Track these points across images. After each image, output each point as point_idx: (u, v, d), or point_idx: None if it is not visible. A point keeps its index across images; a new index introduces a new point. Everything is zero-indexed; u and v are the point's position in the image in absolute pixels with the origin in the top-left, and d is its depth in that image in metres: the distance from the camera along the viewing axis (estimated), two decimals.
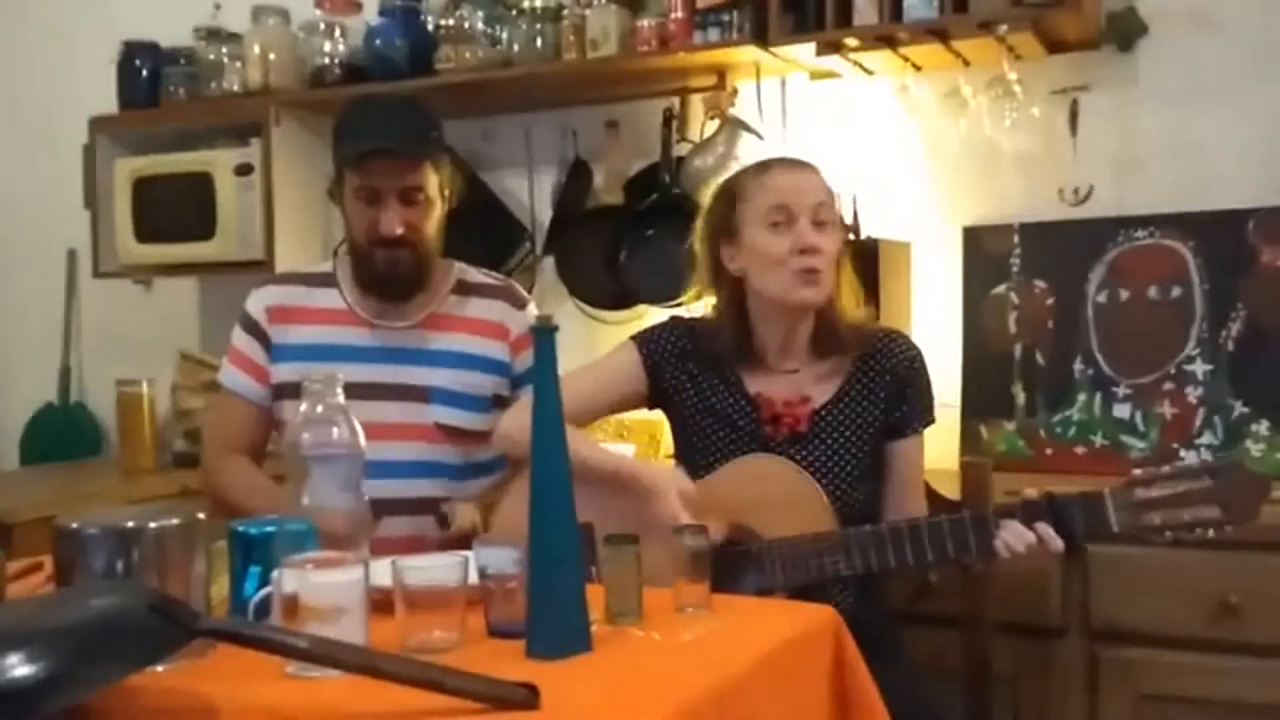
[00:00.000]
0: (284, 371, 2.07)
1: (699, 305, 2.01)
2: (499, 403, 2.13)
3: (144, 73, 3.19)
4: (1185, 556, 1.97)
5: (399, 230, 2.01)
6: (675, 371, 1.91)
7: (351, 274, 2.13)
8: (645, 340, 1.94)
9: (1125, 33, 2.48)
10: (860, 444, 1.85)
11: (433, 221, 2.06)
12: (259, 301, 2.13)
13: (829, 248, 1.81)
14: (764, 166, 1.91)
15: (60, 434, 3.60)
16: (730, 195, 1.89)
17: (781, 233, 1.80)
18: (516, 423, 1.82)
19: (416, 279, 2.08)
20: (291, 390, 1.78)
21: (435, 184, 2.05)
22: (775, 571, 1.73)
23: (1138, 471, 1.67)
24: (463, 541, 1.77)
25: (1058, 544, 1.65)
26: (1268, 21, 2.42)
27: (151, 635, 1.07)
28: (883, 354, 1.88)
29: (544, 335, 1.30)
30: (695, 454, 1.89)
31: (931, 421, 1.92)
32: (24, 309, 3.73)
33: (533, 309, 2.20)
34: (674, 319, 1.99)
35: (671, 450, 2.01)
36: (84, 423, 3.61)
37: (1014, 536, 1.65)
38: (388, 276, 2.06)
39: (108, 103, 3.24)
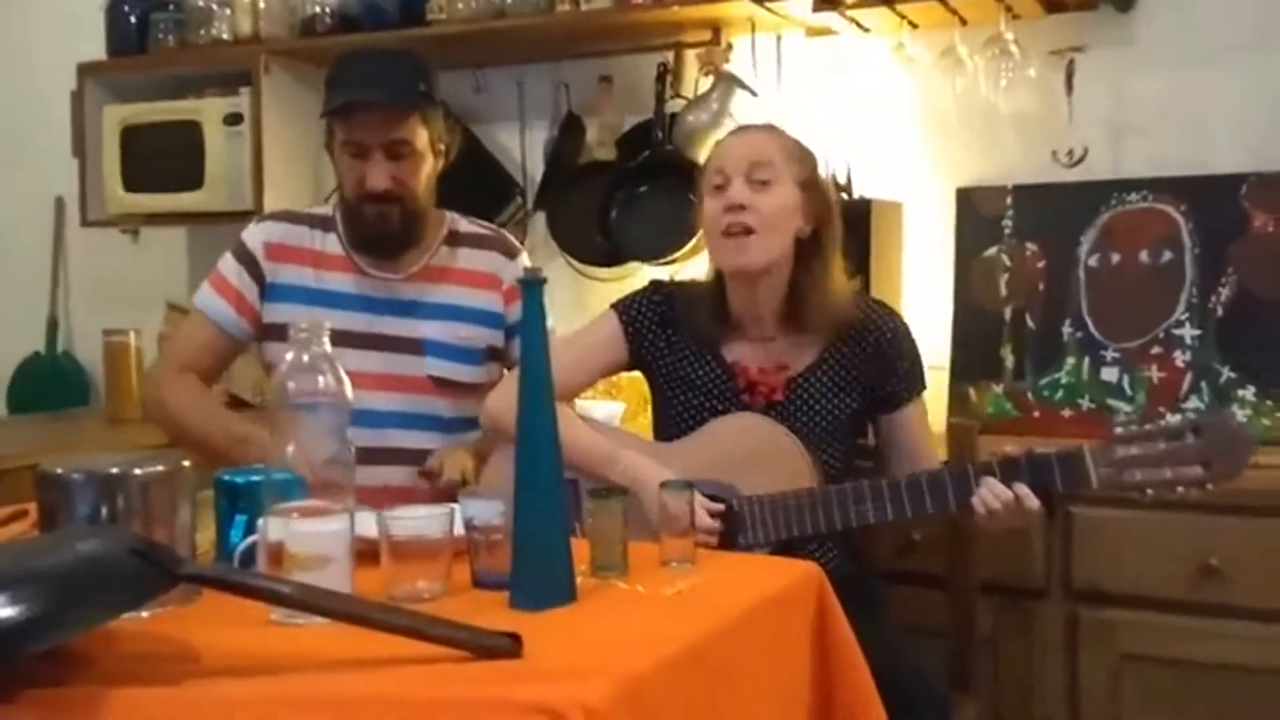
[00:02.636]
0: (276, 312, 2.06)
1: (691, 264, 2.02)
2: (493, 354, 2.13)
3: (133, 19, 3.15)
4: (1166, 519, 1.99)
5: (384, 185, 1.99)
6: (654, 338, 1.92)
7: (344, 224, 2.11)
8: (625, 308, 1.94)
9: None
10: (836, 412, 1.86)
11: (422, 176, 2.04)
12: (258, 235, 2.11)
13: (763, 205, 1.79)
14: (719, 140, 1.95)
15: (47, 383, 3.59)
16: (702, 167, 1.93)
17: (717, 196, 1.82)
18: (502, 401, 1.81)
19: (406, 234, 2.06)
20: (282, 332, 1.78)
21: (425, 138, 2.03)
22: (757, 528, 1.74)
23: (1119, 429, 1.68)
24: (453, 492, 1.78)
25: (1034, 502, 1.65)
26: None
27: (135, 580, 1.07)
28: (863, 324, 1.87)
29: (532, 287, 1.29)
30: (673, 419, 1.90)
31: (923, 388, 1.92)
32: (11, 258, 3.71)
33: (524, 258, 2.19)
34: (654, 284, 1.98)
35: None
36: (71, 372, 3.60)
37: (991, 495, 1.66)
38: (377, 232, 2.05)
39: (96, 49, 3.20)
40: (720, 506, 1.73)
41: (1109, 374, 2.40)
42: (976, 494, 1.67)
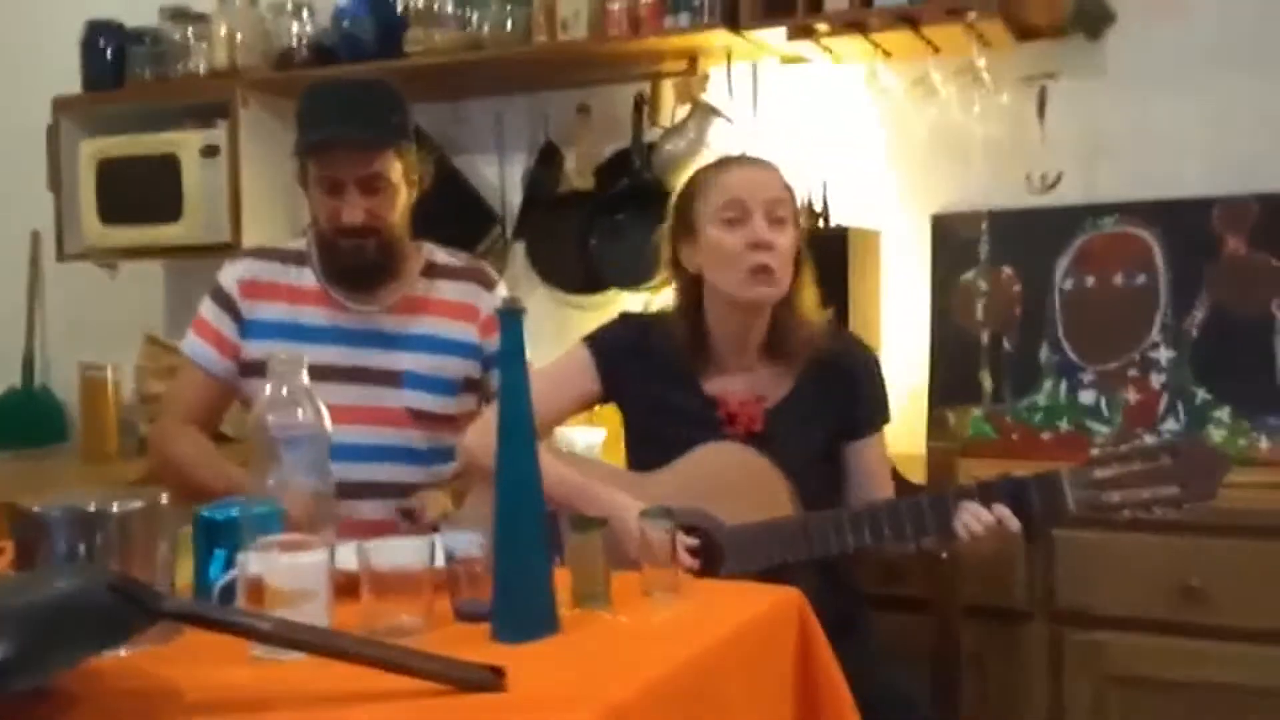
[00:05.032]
0: (254, 349, 2.06)
1: (666, 293, 2.00)
2: (470, 386, 2.13)
3: (108, 53, 3.16)
4: (1148, 540, 2.00)
5: (360, 220, 1.99)
6: (627, 371, 1.90)
7: (319, 258, 2.11)
8: (597, 341, 1.93)
9: (1093, 21, 2.49)
10: (814, 442, 1.86)
11: (398, 208, 2.05)
12: (232, 274, 2.11)
13: (784, 244, 1.80)
14: (721, 164, 1.91)
15: (24, 419, 3.56)
16: (689, 193, 1.89)
17: (736, 229, 1.80)
18: (479, 438, 1.81)
19: (383, 266, 2.07)
20: (260, 368, 1.77)
21: (399, 170, 2.03)
22: (737, 558, 1.73)
23: (1095, 451, 1.69)
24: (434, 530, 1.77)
25: (1015, 524, 1.66)
26: (1233, 10, 2.44)
27: (114, 617, 1.06)
28: (836, 354, 1.88)
29: (511, 317, 1.29)
30: (650, 453, 1.88)
31: (887, 420, 1.92)
32: None
33: (502, 289, 2.19)
34: (624, 316, 1.98)
35: None
36: (48, 407, 3.57)
37: (972, 517, 1.66)
38: (353, 264, 2.05)
39: (71, 83, 3.20)
40: (696, 542, 1.72)
41: (1086, 396, 2.41)
42: (957, 518, 1.67)
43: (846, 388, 1.87)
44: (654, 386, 1.89)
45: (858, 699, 1.40)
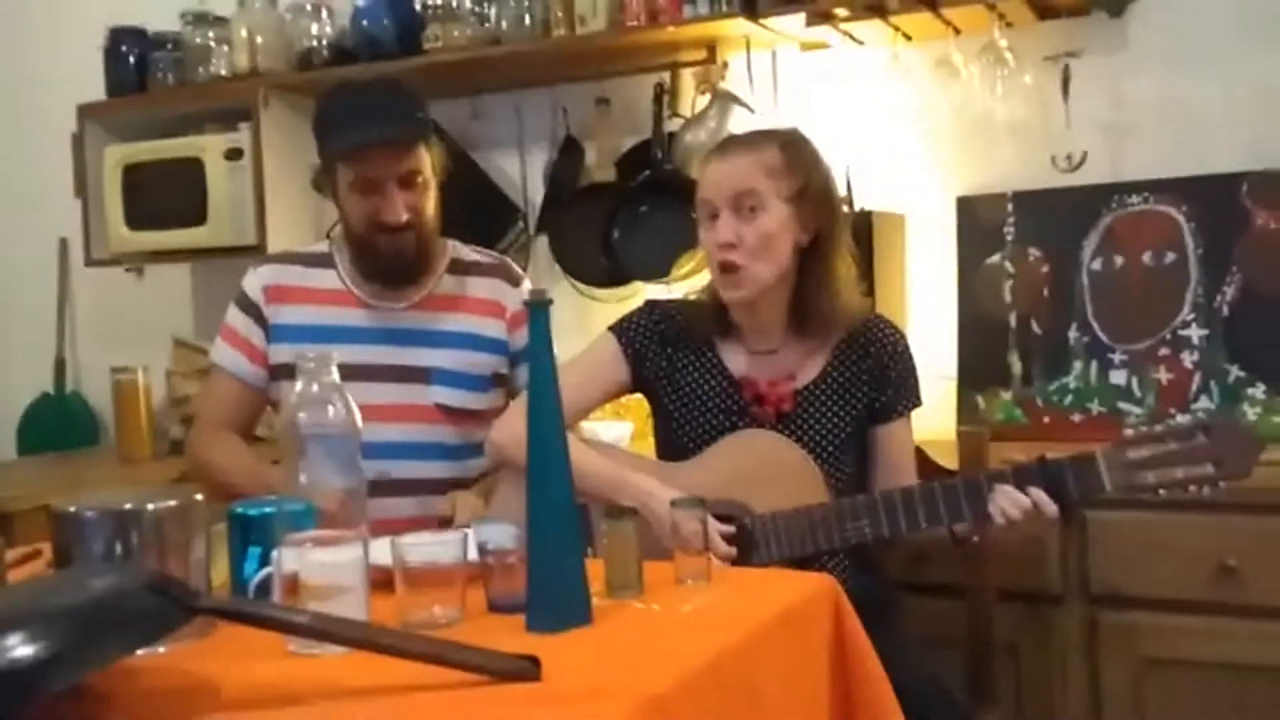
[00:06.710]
0: (281, 352, 2.06)
1: (695, 282, 2.01)
2: (498, 381, 2.13)
3: (131, 59, 3.18)
4: (1181, 519, 1.98)
5: (404, 217, 2.00)
6: (656, 357, 1.90)
7: (350, 258, 2.12)
8: (624, 329, 1.93)
9: None
10: (845, 424, 1.85)
11: (432, 202, 2.05)
12: (256, 280, 2.12)
13: (751, 236, 1.78)
14: (706, 157, 1.90)
15: (57, 424, 3.59)
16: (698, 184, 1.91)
17: (708, 228, 1.82)
18: (506, 433, 1.82)
19: (420, 262, 2.07)
20: (289, 371, 1.78)
21: (429, 164, 2.04)
22: (770, 545, 1.73)
23: (1129, 431, 1.68)
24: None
25: (1052, 508, 1.65)
26: None
27: (151, 614, 1.06)
28: (866, 337, 1.87)
29: (539, 309, 1.29)
30: (681, 438, 1.88)
31: (918, 404, 1.91)
32: (17, 299, 3.72)
33: (527, 285, 2.20)
34: (650, 303, 1.98)
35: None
36: (80, 412, 3.61)
37: (1008, 501, 1.65)
38: (393, 263, 2.05)
39: (95, 90, 3.22)
40: (731, 529, 1.72)
41: (1117, 377, 2.39)
42: (993, 502, 1.66)
43: (878, 369, 1.86)
44: (682, 371, 1.89)
45: (894, 686, 1.39)
